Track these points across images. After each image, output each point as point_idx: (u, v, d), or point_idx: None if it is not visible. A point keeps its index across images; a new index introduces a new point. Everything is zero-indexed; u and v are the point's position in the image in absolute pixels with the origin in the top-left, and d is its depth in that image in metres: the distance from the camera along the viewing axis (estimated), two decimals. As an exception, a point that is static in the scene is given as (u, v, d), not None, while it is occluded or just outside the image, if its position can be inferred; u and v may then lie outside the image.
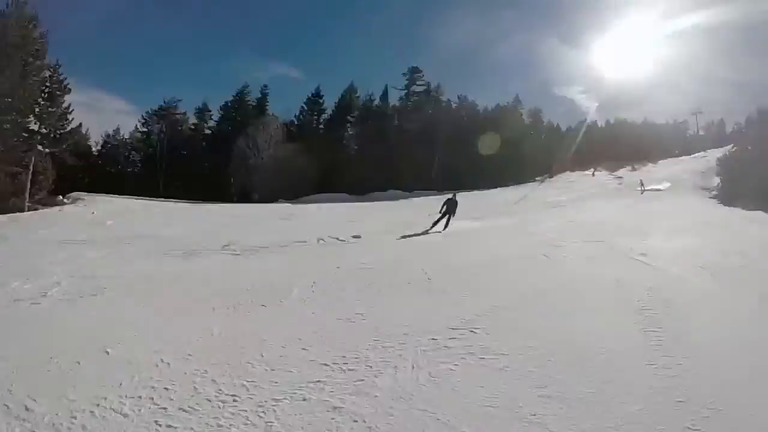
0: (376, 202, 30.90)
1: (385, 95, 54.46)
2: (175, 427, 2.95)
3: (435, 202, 26.05)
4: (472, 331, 4.64)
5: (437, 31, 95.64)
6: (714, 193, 26.52)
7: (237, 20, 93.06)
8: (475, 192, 33.70)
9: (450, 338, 4.48)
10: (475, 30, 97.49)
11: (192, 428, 2.95)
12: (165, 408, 3.20)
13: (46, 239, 13.64)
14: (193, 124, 54.04)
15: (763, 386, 3.43)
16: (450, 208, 13.97)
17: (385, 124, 51.26)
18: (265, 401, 3.28)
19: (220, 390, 3.47)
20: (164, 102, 51.63)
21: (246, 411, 3.15)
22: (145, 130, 51.61)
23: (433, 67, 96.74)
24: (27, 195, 28.60)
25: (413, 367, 3.86)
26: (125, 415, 3.11)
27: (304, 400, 3.30)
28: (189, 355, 4.19)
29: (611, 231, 12.69)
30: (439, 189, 37.94)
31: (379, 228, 15.06)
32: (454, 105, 54.12)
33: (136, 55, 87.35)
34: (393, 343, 4.38)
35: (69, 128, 34.05)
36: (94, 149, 48.91)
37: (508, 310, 5.45)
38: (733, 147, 34.40)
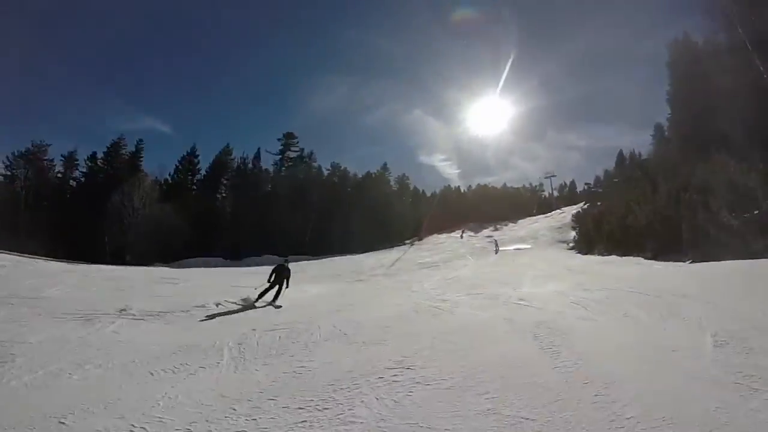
0: (254, 267, 30.56)
1: (257, 158, 55.10)
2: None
3: (311, 267, 27.06)
4: (408, 368, 5.35)
5: (309, 95, 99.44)
6: (571, 244, 31.17)
7: (111, 66, 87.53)
8: (349, 256, 35.17)
9: (392, 376, 5.15)
10: (346, 97, 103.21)
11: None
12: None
13: None
14: (59, 172, 49.14)
15: (633, 367, 4.85)
16: (279, 277, 12.52)
17: (258, 187, 51.72)
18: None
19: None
20: (31, 145, 46.84)
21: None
22: (8, 173, 45.77)
23: (306, 132, 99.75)
24: None
25: (377, 398, 4.49)
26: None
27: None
28: (160, 418, 4.34)
29: (487, 284, 14.31)
30: (312, 253, 39.00)
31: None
32: (326, 171, 56.34)
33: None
34: (348, 384, 4.94)
35: None
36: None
37: (428, 350, 6.23)
38: (585, 204, 41.13)
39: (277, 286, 12.47)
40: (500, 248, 32.38)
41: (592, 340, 6.15)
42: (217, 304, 12.15)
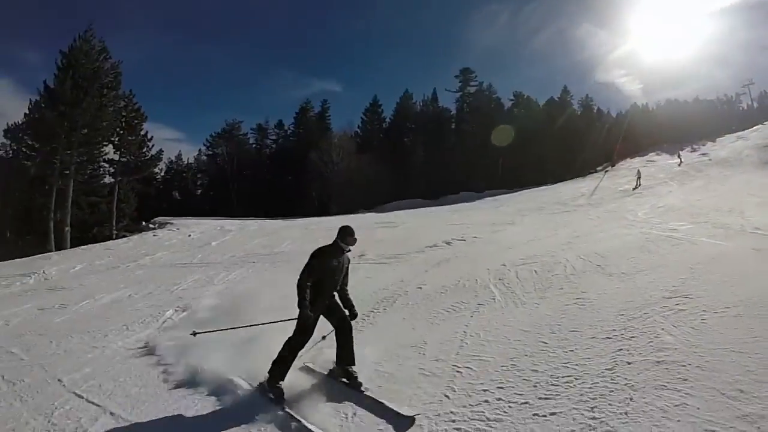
0: (455, 204, 32.38)
1: (434, 99, 56.26)
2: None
3: (511, 200, 27.81)
4: (687, 297, 5.96)
5: (472, 29, 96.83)
6: None
7: (275, 41, 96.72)
8: (544, 187, 35.04)
9: (675, 305, 5.72)
10: (509, 24, 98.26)
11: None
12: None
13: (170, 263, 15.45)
14: (254, 143, 57.53)
15: None
16: None
17: (444, 127, 53.22)
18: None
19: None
20: (226, 124, 55.38)
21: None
22: (210, 152, 55.30)
23: (479, 66, 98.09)
24: (114, 222, 30.89)
25: (674, 326, 5.11)
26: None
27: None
28: (479, 356, 5.31)
29: (708, 212, 14.10)
30: (508, 187, 39.55)
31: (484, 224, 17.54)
32: (510, 101, 55.36)
33: (179, 85, 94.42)
34: (637, 314, 5.64)
35: (149, 155, 36.39)
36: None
37: (693, 280, 6.72)
38: None
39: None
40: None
41: None
42: (447, 243, 13.42)
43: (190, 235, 24.37)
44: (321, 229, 20.46)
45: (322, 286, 4.68)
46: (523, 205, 25.29)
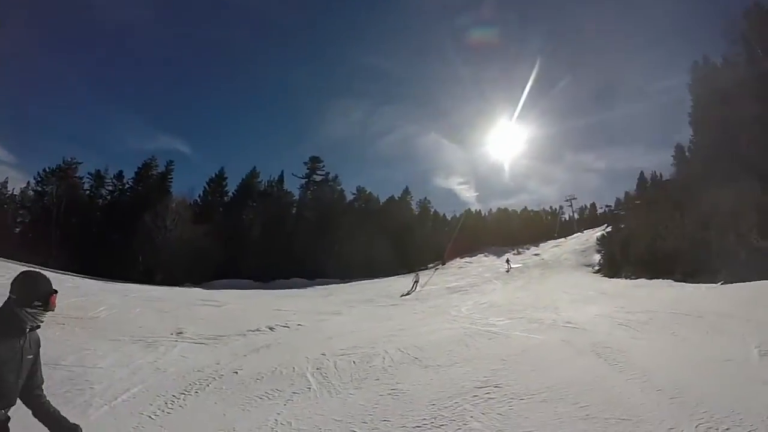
0: (286, 290, 31.82)
1: (280, 181, 56.13)
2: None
3: (340, 291, 28.09)
4: (496, 386, 6.29)
5: (329, 120, 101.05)
6: (596, 267, 32.34)
7: (132, 86, 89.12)
8: (375, 280, 36.23)
9: (486, 393, 6.05)
10: (362, 121, 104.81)
11: None
12: None
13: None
14: (88, 189, 50.56)
15: (694, 375, 5.90)
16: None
17: (285, 211, 53.12)
18: None
19: None
20: (63, 162, 48.33)
21: None
22: (39, 189, 47.39)
23: (327, 156, 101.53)
24: None
25: (483, 413, 5.36)
26: None
27: None
28: None
29: (525, 309, 15.29)
30: (339, 277, 39.91)
31: (311, 312, 17.46)
32: (351, 195, 57.47)
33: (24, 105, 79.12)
34: (448, 403, 5.78)
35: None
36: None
37: (504, 370, 7.17)
38: (607, 226, 42.06)
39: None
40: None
41: (650, 356, 7.21)
42: (270, 328, 13.06)
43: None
44: (140, 298, 19.26)
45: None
46: (352, 296, 25.57)
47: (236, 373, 8.10)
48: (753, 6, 25.51)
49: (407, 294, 27.74)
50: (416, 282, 30.56)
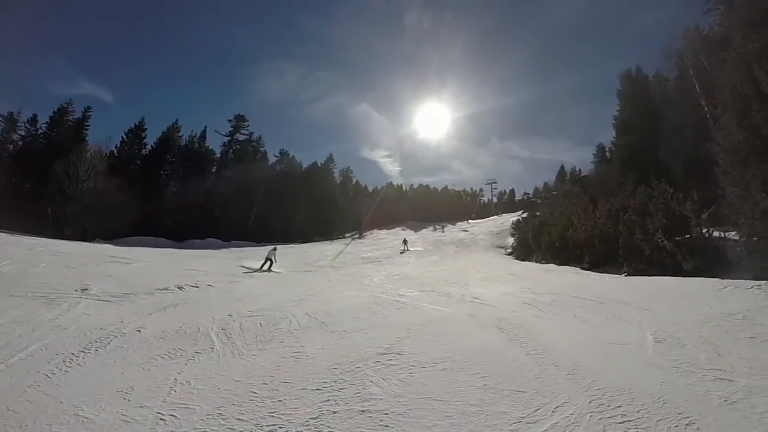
0: (200, 250, 31.14)
1: (203, 137, 54.23)
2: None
3: (258, 254, 27.51)
4: (399, 354, 6.31)
5: (259, 79, 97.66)
6: (509, 250, 34.20)
7: (55, 26, 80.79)
8: (292, 246, 35.89)
9: (388, 360, 6.07)
10: (295, 84, 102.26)
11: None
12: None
13: None
14: None
15: (592, 354, 6.11)
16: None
17: (205, 168, 51.39)
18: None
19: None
20: None
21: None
22: None
23: (254, 116, 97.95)
24: None
25: (383, 379, 5.37)
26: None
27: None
28: (185, 405, 5.18)
29: (437, 283, 15.64)
30: (256, 240, 39.31)
31: (223, 275, 17.18)
32: (274, 158, 56.67)
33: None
34: (350, 368, 5.75)
35: None
36: None
37: (409, 339, 7.22)
38: (523, 212, 44.30)
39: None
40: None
41: (551, 335, 7.46)
42: (180, 288, 12.82)
43: None
44: (47, 253, 18.41)
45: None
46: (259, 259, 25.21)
47: (139, 331, 7.91)
48: (693, 27, 27.25)
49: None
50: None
